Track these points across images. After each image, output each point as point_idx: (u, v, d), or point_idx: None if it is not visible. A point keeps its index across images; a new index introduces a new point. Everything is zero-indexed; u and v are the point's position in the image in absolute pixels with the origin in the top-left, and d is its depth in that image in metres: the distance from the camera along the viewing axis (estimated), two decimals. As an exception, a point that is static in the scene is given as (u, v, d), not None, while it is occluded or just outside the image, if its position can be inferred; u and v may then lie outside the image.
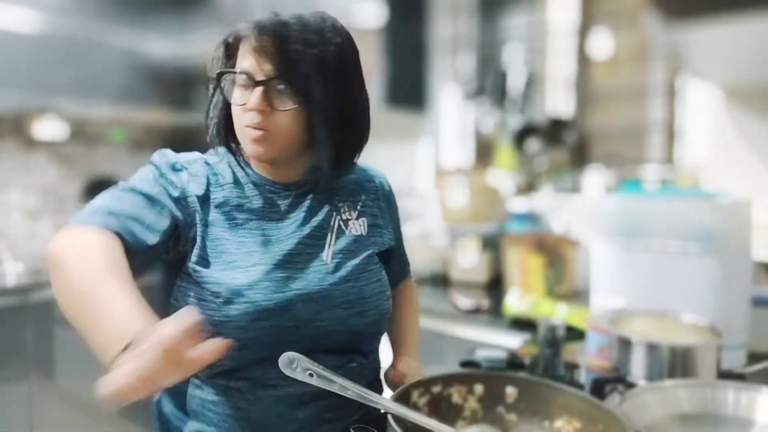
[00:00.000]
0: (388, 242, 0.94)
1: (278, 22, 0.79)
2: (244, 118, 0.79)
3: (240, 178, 0.86)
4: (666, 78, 2.26)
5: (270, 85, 0.78)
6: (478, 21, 2.63)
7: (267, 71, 0.78)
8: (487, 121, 2.54)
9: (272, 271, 0.78)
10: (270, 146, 0.80)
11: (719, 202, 1.17)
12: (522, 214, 2.19)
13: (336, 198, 0.90)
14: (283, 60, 0.78)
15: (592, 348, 1.03)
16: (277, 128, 0.79)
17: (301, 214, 0.86)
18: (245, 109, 0.78)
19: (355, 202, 0.92)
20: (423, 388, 0.75)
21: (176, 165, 0.83)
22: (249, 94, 0.78)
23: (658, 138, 2.31)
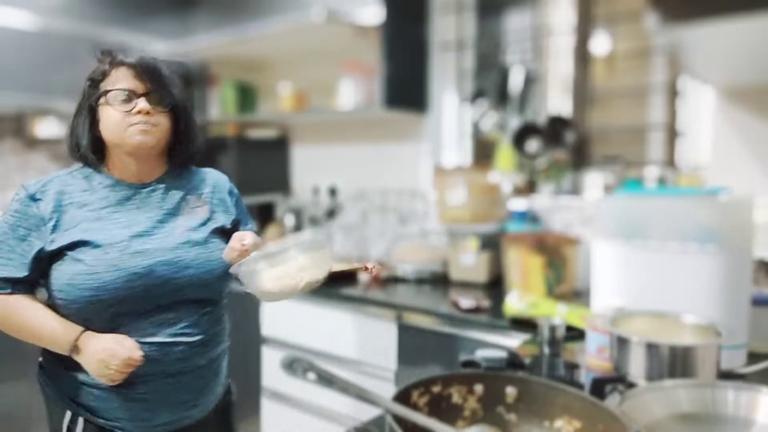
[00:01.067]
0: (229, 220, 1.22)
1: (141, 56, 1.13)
2: (129, 120, 1.08)
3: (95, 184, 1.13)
4: (666, 78, 2.26)
5: (149, 97, 1.10)
6: (478, 21, 2.63)
7: (143, 87, 1.11)
8: (487, 121, 2.54)
9: (136, 244, 1.07)
10: (153, 136, 1.11)
11: (720, 201, 1.17)
12: (522, 213, 2.19)
13: (183, 191, 1.19)
14: (154, 80, 1.12)
15: (592, 348, 1.03)
16: (158, 123, 1.12)
17: (155, 203, 1.14)
18: (134, 113, 1.09)
19: (200, 195, 1.21)
20: (423, 388, 0.75)
21: (34, 196, 1.08)
22: (131, 105, 1.09)
23: (658, 138, 2.31)
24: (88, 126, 1.12)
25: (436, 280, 2.22)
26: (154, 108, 1.11)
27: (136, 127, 1.09)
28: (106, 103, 1.10)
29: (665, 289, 1.16)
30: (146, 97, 1.10)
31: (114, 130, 1.10)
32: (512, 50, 2.62)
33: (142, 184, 1.15)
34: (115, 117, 1.09)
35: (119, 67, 1.11)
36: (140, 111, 1.09)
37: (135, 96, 1.10)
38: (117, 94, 1.10)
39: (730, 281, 1.13)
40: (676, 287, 1.15)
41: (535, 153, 2.37)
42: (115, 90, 1.10)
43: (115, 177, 1.15)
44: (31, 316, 1.07)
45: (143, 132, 1.09)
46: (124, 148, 1.11)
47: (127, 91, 1.10)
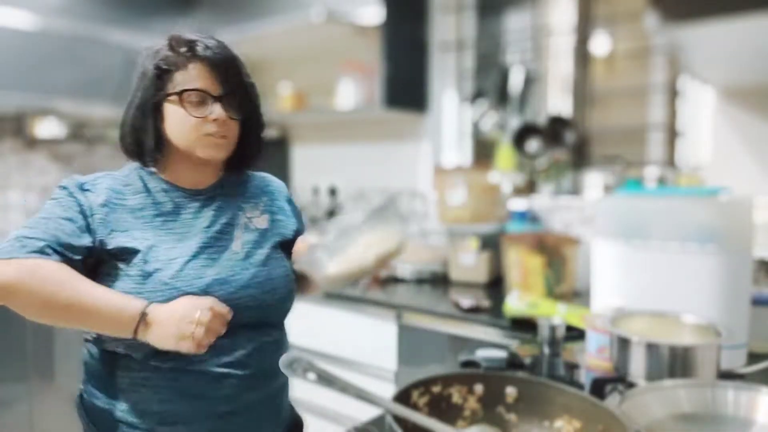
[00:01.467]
0: (291, 232, 1.11)
1: (222, 49, 0.99)
2: (204, 128, 0.96)
3: (151, 187, 1.01)
4: (666, 78, 2.26)
5: (225, 100, 0.97)
6: (478, 21, 2.63)
7: (222, 89, 0.97)
8: (487, 121, 2.54)
9: (190, 262, 0.94)
10: (225, 150, 1.00)
11: (720, 201, 1.17)
12: (522, 213, 2.19)
13: (239, 200, 1.07)
14: (233, 80, 0.99)
15: (592, 348, 1.03)
16: (231, 134, 1.00)
17: (210, 214, 1.02)
18: (209, 119, 0.96)
19: (257, 204, 1.09)
20: (423, 388, 0.75)
21: (83, 186, 0.97)
22: (204, 109, 0.96)
23: (658, 138, 2.31)
24: (152, 123, 0.97)
25: (436, 280, 2.22)
26: (230, 116, 0.98)
27: (210, 140, 0.96)
28: (177, 102, 0.96)
29: (665, 289, 1.16)
30: (222, 102, 0.96)
31: (184, 137, 0.97)
32: (512, 50, 2.62)
33: (197, 191, 1.02)
34: (187, 122, 0.95)
35: (195, 61, 0.96)
36: (216, 119, 0.95)
37: (210, 98, 0.96)
38: (190, 96, 0.95)
39: (730, 281, 1.13)
40: (676, 287, 1.15)
41: (535, 153, 2.37)
42: (189, 90, 0.95)
43: (170, 180, 1.02)
44: (87, 288, 0.87)
45: (215, 146, 0.97)
46: (189, 156, 0.98)
47: (202, 93, 0.96)
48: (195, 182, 1.03)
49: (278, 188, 1.17)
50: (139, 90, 0.98)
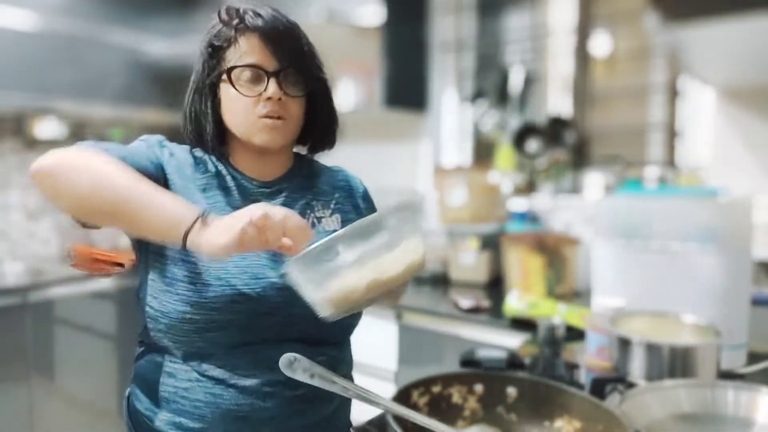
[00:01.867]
0: None
1: (276, 18, 0.87)
2: (257, 109, 0.85)
3: (221, 169, 0.92)
4: (666, 78, 2.26)
5: (282, 76, 0.86)
6: (478, 21, 2.63)
7: (278, 63, 0.86)
8: (487, 121, 2.54)
9: (249, 259, 0.84)
10: (283, 134, 0.88)
11: (719, 201, 1.17)
12: (522, 214, 2.19)
13: (309, 197, 0.96)
14: (290, 52, 0.87)
15: (592, 348, 1.03)
16: (290, 115, 0.88)
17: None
18: (262, 98, 0.85)
19: (328, 201, 0.98)
20: (423, 388, 0.75)
21: (162, 142, 0.91)
22: (259, 87, 0.85)
23: (658, 138, 2.31)
24: (210, 107, 0.89)
25: (436, 280, 2.22)
26: (288, 92, 0.86)
27: (263, 123, 0.85)
28: (228, 81, 0.86)
29: (665, 289, 1.16)
30: (278, 77, 0.85)
31: (238, 120, 0.87)
32: (512, 50, 2.62)
33: (263, 183, 0.92)
34: (240, 103, 0.86)
35: (246, 33, 0.85)
36: (270, 98, 0.84)
37: (264, 75, 0.85)
38: (242, 72, 0.85)
39: (730, 281, 1.13)
40: (676, 287, 1.15)
41: (535, 153, 2.37)
42: (239, 66, 0.85)
43: (236, 167, 0.92)
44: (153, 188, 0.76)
45: (271, 129, 0.86)
46: (248, 143, 0.88)
47: (255, 68, 0.85)
48: (261, 173, 0.93)
49: (355, 184, 1.06)
50: (196, 72, 0.90)
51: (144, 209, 0.75)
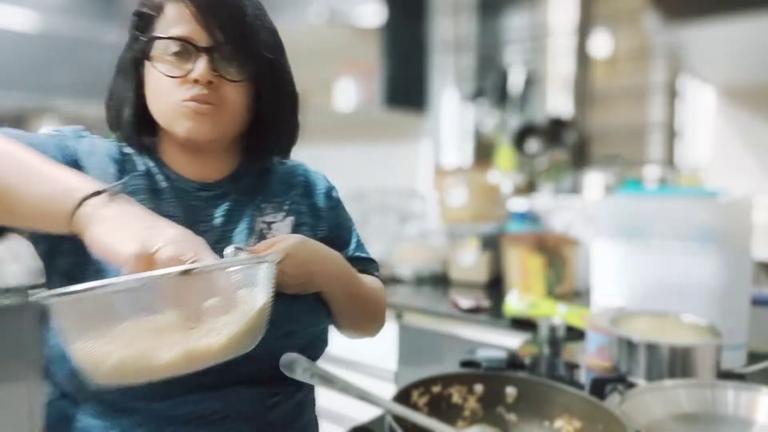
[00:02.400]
0: (317, 236, 0.82)
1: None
2: (180, 93, 0.69)
3: (152, 168, 0.76)
4: (666, 78, 2.26)
5: (217, 54, 0.69)
6: (478, 21, 2.63)
7: (212, 37, 0.69)
8: (487, 121, 2.54)
9: None
10: (213, 123, 0.70)
11: (719, 201, 1.17)
12: (522, 214, 2.19)
13: (259, 198, 0.80)
14: (229, 24, 0.70)
15: (592, 348, 1.03)
16: (225, 103, 0.71)
17: (219, 219, 0.75)
18: (188, 80, 0.68)
19: (281, 203, 0.81)
20: (423, 388, 0.75)
21: (80, 133, 0.76)
22: (186, 65, 0.69)
23: (658, 138, 2.31)
24: (132, 88, 0.73)
25: (436, 280, 2.21)
26: (222, 75, 0.70)
27: (186, 107, 0.69)
28: (151, 57, 0.70)
29: (665, 289, 1.16)
30: (211, 54, 0.69)
31: (159, 106, 0.71)
32: (512, 50, 2.62)
33: (203, 185, 0.76)
34: (162, 84, 0.70)
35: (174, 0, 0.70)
36: (197, 80, 0.68)
37: (194, 50, 0.69)
38: (167, 47, 0.69)
39: (730, 281, 1.13)
40: (676, 287, 1.15)
41: (535, 153, 2.37)
42: (164, 39, 0.69)
43: (170, 166, 0.76)
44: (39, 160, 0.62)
45: (196, 116, 0.69)
46: (172, 135, 0.73)
47: (181, 42, 0.68)
48: (200, 173, 0.77)
49: (314, 180, 0.88)
50: (123, 51, 0.75)
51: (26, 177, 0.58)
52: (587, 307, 1.45)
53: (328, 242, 0.81)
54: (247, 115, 0.75)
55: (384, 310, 0.92)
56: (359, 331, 0.90)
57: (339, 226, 0.89)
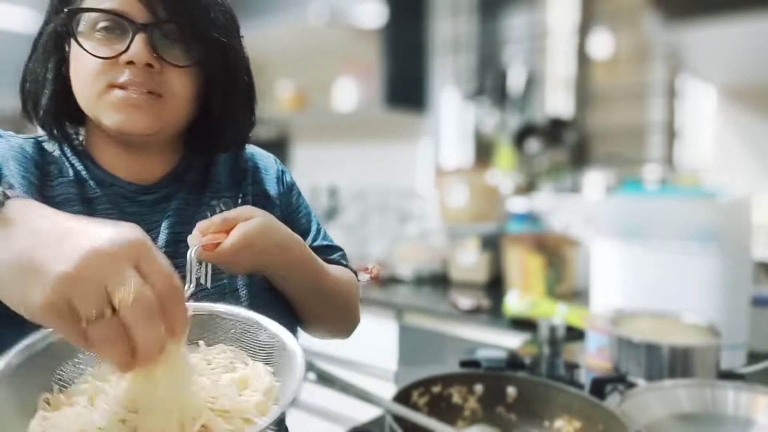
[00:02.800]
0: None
1: None
2: (108, 77, 0.58)
3: (81, 172, 0.64)
4: (666, 78, 2.26)
5: (158, 31, 0.59)
6: (478, 21, 2.63)
7: (152, 12, 0.58)
8: (487, 121, 2.54)
9: None
10: (153, 117, 0.60)
11: (719, 201, 1.17)
12: (522, 214, 2.19)
13: (208, 196, 0.70)
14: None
15: (592, 348, 1.03)
16: (167, 92, 0.61)
17: (165, 225, 0.65)
18: (120, 62, 0.58)
19: (234, 198, 0.72)
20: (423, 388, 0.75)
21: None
22: (118, 44, 0.58)
23: (658, 138, 2.31)
24: (53, 69, 0.63)
25: (436, 280, 2.22)
26: (165, 57, 0.60)
27: (114, 96, 0.58)
28: (75, 32, 0.59)
29: (665, 289, 1.16)
30: (150, 32, 0.58)
31: (84, 92, 0.60)
32: (512, 50, 2.62)
33: (143, 188, 0.67)
34: (88, 66, 0.59)
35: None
36: (131, 62, 0.58)
37: (131, 27, 0.58)
38: (96, 20, 0.58)
39: (730, 281, 1.13)
40: (676, 287, 1.15)
41: (535, 153, 2.37)
42: (91, 11, 0.58)
43: (102, 166, 0.66)
44: None
45: (129, 107, 0.59)
46: (100, 126, 0.62)
47: (114, 16, 0.58)
48: (138, 173, 0.66)
49: (264, 165, 0.79)
50: (45, 18, 0.64)
51: None
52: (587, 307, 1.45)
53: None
54: (194, 106, 0.65)
55: (355, 304, 0.83)
56: (327, 328, 0.82)
57: (294, 212, 0.80)
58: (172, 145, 0.70)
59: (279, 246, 0.66)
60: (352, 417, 1.02)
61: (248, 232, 0.61)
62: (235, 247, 0.59)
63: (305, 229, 0.81)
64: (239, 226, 0.61)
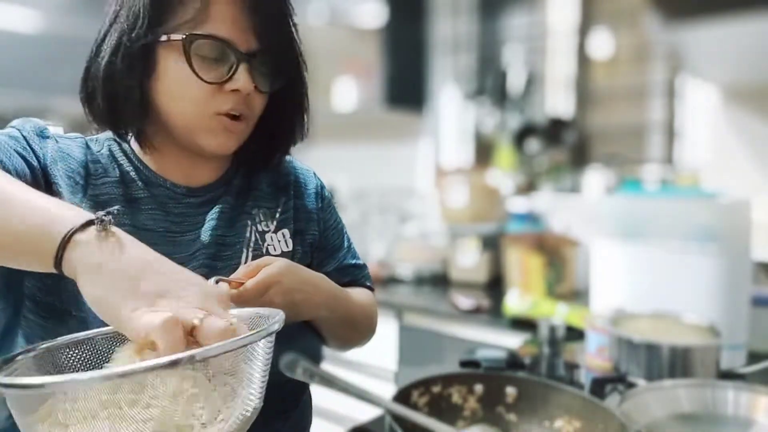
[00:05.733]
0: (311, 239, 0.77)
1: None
2: (214, 103, 0.62)
3: (128, 173, 0.67)
4: (666, 78, 2.26)
5: (257, 61, 0.62)
6: (478, 21, 2.64)
7: (256, 41, 0.61)
8: (487, 121, 2.54)
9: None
10: (240, 138, 0.66)
11: (719, 202, 1.17)
12: (522, 214, 2.19)
13: (249, 204, 0.72)
14: (274, 26, 0.63)
15: (592, 348, 1.03)
16: (253, 115, 0.66)
17: (209, 227, 0.67)
18: (226, 89, 0.61)
19: (273, 210, 0.74)
20: (423, 388, 0.75)
21: (44, 132, 0.66)
22: (220, 68, 0.61)
23: (658, 138, 2.31)
24: (138, 77, 0.61)
25: (436, 280, 2.22)
26: (258, 86, 0.63)
27: (219, 122, 0.62)
28: (179, 51, 0.60)
29: (665, 289, 1.16)
30: (252, 64, 0.61)
31: (186, 110, 0.62)
32: (512, 50, 2.62)
33: (190, 191, 0.69)
34: (191, 88, 0.61)
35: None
36: (238, 90, 0.61)
37: (235, 55, 0.60)
38: (201, 45, 0.59)
39: (730, 281, 1.13)
40: (676, 287, 1.15)
41: (535, 153, 2.37)
42: (202, 37, 0.59)
43: (154, 169, 0.68)
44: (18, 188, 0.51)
45: (228, 133, 0.63)
46: (188, 140, 0.65)
47: (221, 43, 0.60)
48: (188, 176, 0.69)
49: (305, 178, 0.80)
50: (117, 24, 0.63)
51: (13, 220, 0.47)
52: (587, 307, 1.45)
53: (318, 246, 0.76)
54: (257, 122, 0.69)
55: (375, 323, 0.86)
56: (348, 346, 0.86)
57: (330, 228, 0.82)
58: (225, 156, 0.72)
59: (309, 283, 0.68)
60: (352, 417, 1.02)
61: (270, 271, 0.63)
62: (259, 285, 0.61)
63: (338, 245, 0.83)
64: (263, 269, 0.63)
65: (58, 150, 0.64)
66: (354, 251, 0.86)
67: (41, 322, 0.61)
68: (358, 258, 0.87)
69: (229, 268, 0.67)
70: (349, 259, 0.84)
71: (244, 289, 0.61)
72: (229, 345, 0.43)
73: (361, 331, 0.83)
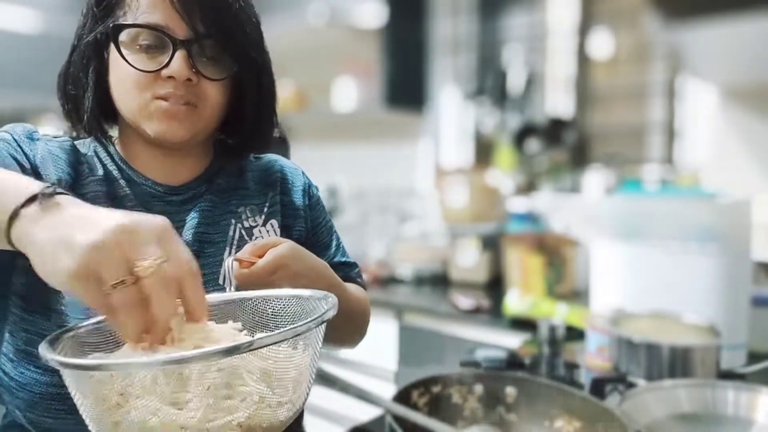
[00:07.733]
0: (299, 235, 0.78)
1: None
2: (151, 89, 0.62)
3: (112, 172, 0.68)
4: (666, 78, 2.26)
5: (197, 48, 0.63)
6: (478, 21, 2.64)
7: (190, 29, 0.62)
8: (487, 121, 2.54)
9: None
10: (188, 124, 0.64)
11: (719, 202, 1.17)
12: (522, 214, 2.19)
13: (234, 202, 0.73)
14: (212, 14, 0.62)
15: (592, 348, 1.03)
16: (202, 102, 0.65)
17: (190, 225, 0.68)
18: (162, 76, 0.62)
19: (260, 205, 0.75)
20: (423, 388, 0.75)
21: (34, 134, 0.67)
22: (159, 57, 0.62)
23: (658, 138, 2.31)
24: (93, 78, 0.66)
25: (436, 280, 2.21)
26: (203, 72, 0.63)
27: (157, 106, 0.63)
28: (119, 45, 0.62)
29: (665, 289, 1.16)
30: (190, 49, 0.62)
31: (127, 101, 0.64)
32: (512, 50, 2.62)
33: (171, 189, 0.70)
34: (130, 77, 0.62)
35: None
36: (173, 77, 0.62)
37: (171, 42, 0.61)
38: (138, 36, 0.62)
39: (730, 281, 1.13)
40: (676, 287, 1.15)
41: (535, 153, 2.37)
42: (135, 27, 0.61)
43: (134, 167, 0.70)
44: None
45: (170, 118, 0.63)
46: (140, 132, 0.66)
47: (155, 31, 0.61)
48: (168, 174, 0.70)
49: (293, 177, 0.81)
50: (79, 24, 0.67)
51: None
52: (587, 307, 1.45)
53: (306, 244, 0.72)
54: (224, 112, 0.69)
55: (368, 318, 0.85)
56: (341, 344, 0.86)
57: (319, 226, 0.82)
58: (203, 149, 0.74)
59: (313, 270, 0.68)
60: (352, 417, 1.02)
61: (280, 254, 0.64)
62: (268, 266, 0.62)
63: (326, 243, 0.83)
64: (271, 250, 0.64)
65: (48, 152, 0.66)
66: (344, 249, 0.86)
67: (26, 316, 0.62)
68: (349, 256, 0.87)
69: (212, 266, 0.69)
70: (339, 256, 0.85)
71: (255, 268, 0.62)
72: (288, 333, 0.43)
73: (357, 323, 0.83)
